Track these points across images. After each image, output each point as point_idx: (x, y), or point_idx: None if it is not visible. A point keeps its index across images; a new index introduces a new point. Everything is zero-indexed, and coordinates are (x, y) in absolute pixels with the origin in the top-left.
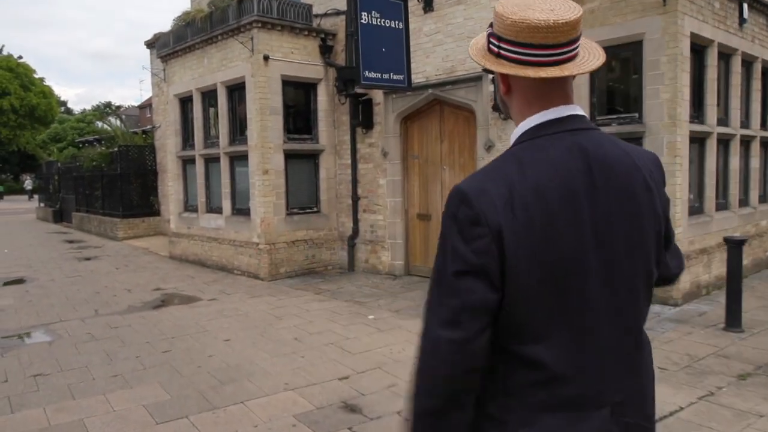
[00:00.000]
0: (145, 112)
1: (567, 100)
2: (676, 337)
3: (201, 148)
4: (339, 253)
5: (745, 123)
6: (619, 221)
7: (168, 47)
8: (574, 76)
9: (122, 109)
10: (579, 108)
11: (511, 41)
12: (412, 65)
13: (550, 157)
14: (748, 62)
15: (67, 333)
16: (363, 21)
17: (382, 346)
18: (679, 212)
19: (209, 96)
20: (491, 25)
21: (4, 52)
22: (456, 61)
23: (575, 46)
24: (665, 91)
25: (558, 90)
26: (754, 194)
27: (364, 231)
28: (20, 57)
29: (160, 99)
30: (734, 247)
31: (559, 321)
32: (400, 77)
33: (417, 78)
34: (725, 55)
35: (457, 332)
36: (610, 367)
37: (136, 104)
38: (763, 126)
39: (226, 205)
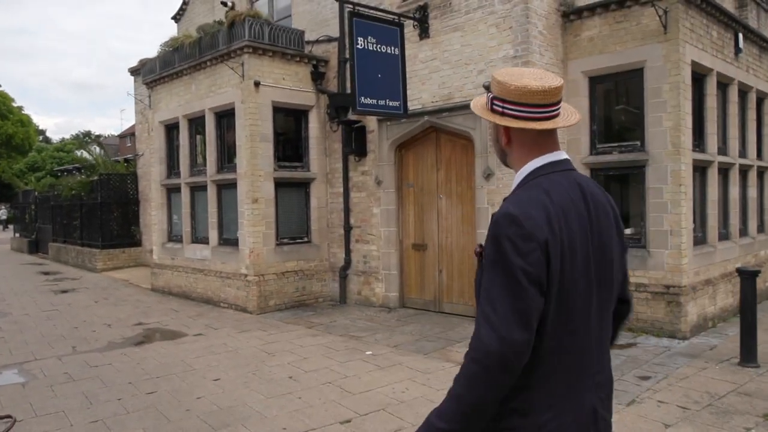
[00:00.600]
0: (125, 142)
1: (557, 146)
2: (692, 373)
3: (187, 176)
4: (330, 285)
5: (742, 152)
6: (609, 246)
7: (154, 73)
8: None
9: (102, 138)
10: (565, 153)
11: (515, 102)
12: (408, 92)
13: (563, 188)
14: (743, 92)
15: (42, 373)
16: (359, 46)
17: (384, 384)
18: (684, 242)
19: (196, 123)
20: (489, 89)
21: None
22: (453, 88)
23: (560, 105)
24: (668, 119)
25: (550, 139)
26: (752, 224)
27: (356, 262)
28: None
29: (143, 126)
30: (748, 278)
31: (567, 320)
32: (396, 104)
33: (413, 105)
34: (723, 84)
35: (527, 333)
36: (599, 355)
37: (116, 134)
38: (758, 156)
39: (213, 235)
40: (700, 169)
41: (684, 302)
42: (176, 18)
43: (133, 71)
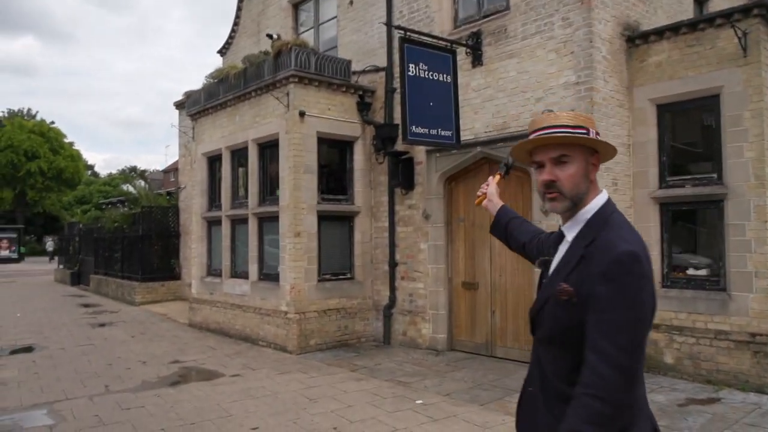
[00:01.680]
0: (169, 177)
1: None
2: None
3: (228, 209)
4: (374, 324)
5: None
6: None
7: (199, 104)
8: None
9: (147, 173)
10: None
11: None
12: (460, 122)
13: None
14: None
15: (72, 414)
16: (410, 73)
17: None
18: None
19: (239, 154)
20: (589, 132)
21: (38, 118)
22: (509, 116)
23: None
24: (750, 149)
25: None
26: None
27: (402, 300)
28: (52, 122)
29: (186, 160)
30: None
31: None
32: (449, 133)
33: (465, 135)
34: None
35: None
36: None
37: (160, 168)
38: None
39: (253, 269)
40: None
41: None
42: (222, 52)
43: (178, 105)
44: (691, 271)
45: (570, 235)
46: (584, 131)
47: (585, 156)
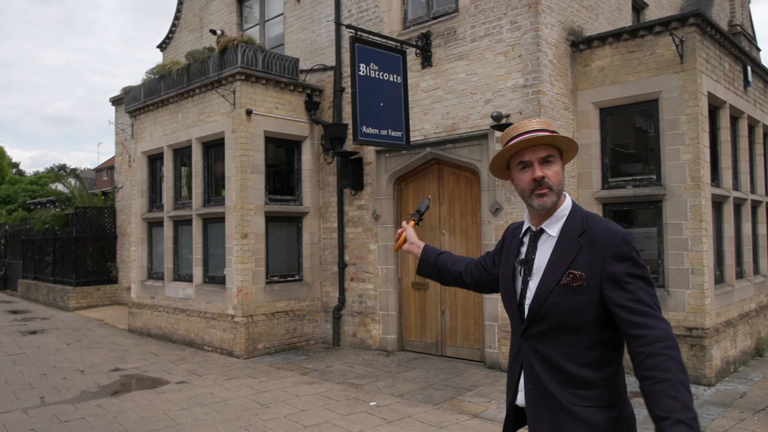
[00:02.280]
0: (102, 176)
1: None
2: (730, 425)
3: (170, 210)
4: (323, 326)
5: (753, 188)
6: None
7: (139, 101)
8: None
9: (78, 172)
10: None
11: None
12: (410, 122)
13: None
14: (751, 126)
15: (4, 429)
16: (361, 73)
17: None
18: (707, 281)
19: (182, 153)
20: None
21: None
22: (458, 118)
23: None
24: (686, 151)
25: None
26: (763, 261)
27: (351, 301)
28: None
29: (123, 158)
30: None
31: None
32: (399, 134)
33: (414, 136)
34: (734, 117)
35: None
36: None
37: (92, 167)
38: (767, 192)
39: (198, 272)
40: (716, 205)
41: (708, 345)
42: (162, 47)
43: (115, 101)
44: None
45: (553, 231)
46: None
47: (560, 157)
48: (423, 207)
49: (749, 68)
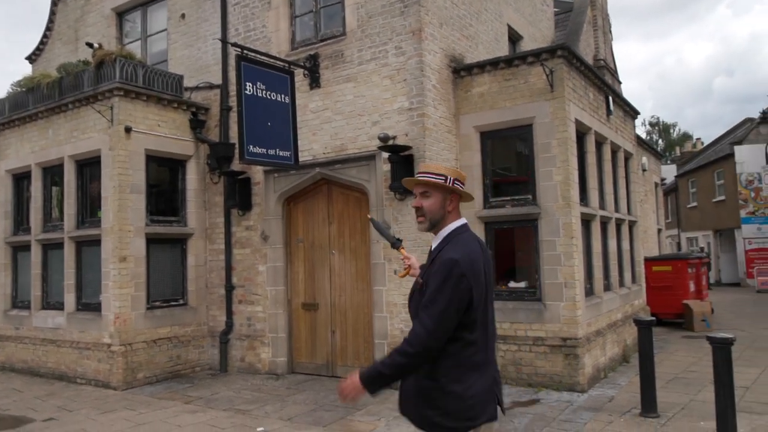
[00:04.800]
0: None
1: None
2: (600, 428)
3: (39, 233)
4: (209, 352)
5: (616, 207)
6: (492, 280)
7: (2, 115)
8: None
9: None
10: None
11: (462, 182)
12: (299, 143)
13: (476, 242)
14: (614, 151)
15: None
16: (247, 92)
17: None
18: (578, 294)
19: (53, 172)
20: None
21: None
22: (346, 139)
23: None
24: (558, 173)
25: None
26: (627, 275)
27: (239, 325)
28: None
29: None
30: (645, 328)
31: (481, 323)
32: (287, 154)
33: (303, 156)
34: (598, 143)
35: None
36: (492, 345)
37: None
38: (629, 211)
39: (70, 299)
40: (585, 223)
41: (581, 354)
42: (32, 59)
43: None
44: (512, 284)
45: (434, 246)
46: (442, 178)
47: (443, 194)
48: (385, 229)
49: (611, 98)
